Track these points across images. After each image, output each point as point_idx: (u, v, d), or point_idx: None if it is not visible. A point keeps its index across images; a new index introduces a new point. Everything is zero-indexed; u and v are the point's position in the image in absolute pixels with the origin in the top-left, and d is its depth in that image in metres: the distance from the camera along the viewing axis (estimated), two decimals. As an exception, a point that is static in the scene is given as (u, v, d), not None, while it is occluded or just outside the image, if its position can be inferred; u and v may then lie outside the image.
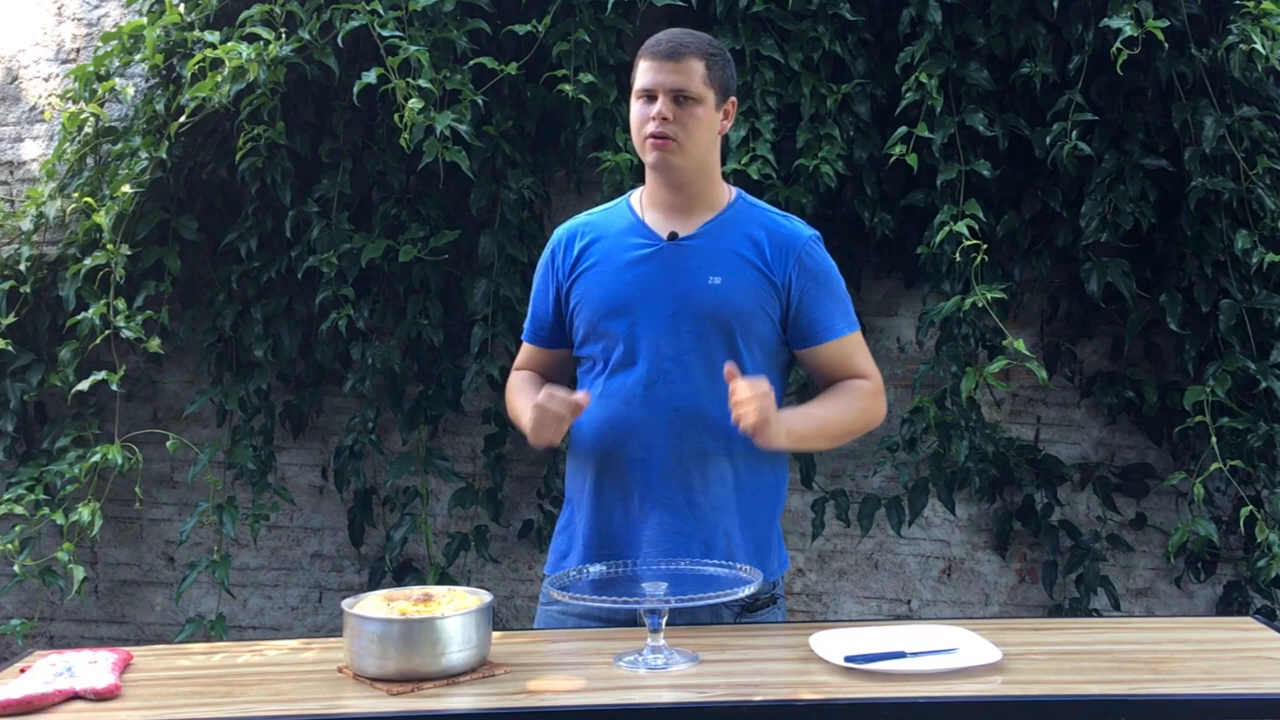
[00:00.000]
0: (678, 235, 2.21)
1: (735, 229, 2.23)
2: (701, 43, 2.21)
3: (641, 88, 2.17)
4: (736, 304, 2.17)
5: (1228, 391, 3.22)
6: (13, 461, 3.66)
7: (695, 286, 2.17)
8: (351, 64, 3.35)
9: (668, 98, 2.14)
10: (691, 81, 2.15)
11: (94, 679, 1.78)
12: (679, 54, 2.16)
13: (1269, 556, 3.13)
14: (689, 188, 2.21)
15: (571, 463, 2.29)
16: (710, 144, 2.21)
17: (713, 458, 2.16)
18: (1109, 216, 3.26)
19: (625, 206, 2.30)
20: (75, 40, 3.89)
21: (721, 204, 2.25)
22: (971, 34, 3.28)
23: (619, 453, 2.17)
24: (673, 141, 2.14)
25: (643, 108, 2.17)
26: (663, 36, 2.20)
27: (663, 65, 2.15)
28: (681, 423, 2.15)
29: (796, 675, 1.79)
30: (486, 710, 1.70)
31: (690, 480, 2.16)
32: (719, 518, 2.18)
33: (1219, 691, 1.71)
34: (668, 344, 2.16)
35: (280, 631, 3.79)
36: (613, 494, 2.19)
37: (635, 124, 2.19)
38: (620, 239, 2.24)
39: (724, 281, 2.17)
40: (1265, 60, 3.10)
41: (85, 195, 3.45)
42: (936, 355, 3.40)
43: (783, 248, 2.22)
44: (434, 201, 3.47)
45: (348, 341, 3.50)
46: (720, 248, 2.20)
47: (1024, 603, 3.63)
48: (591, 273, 2.23)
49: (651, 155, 2.17)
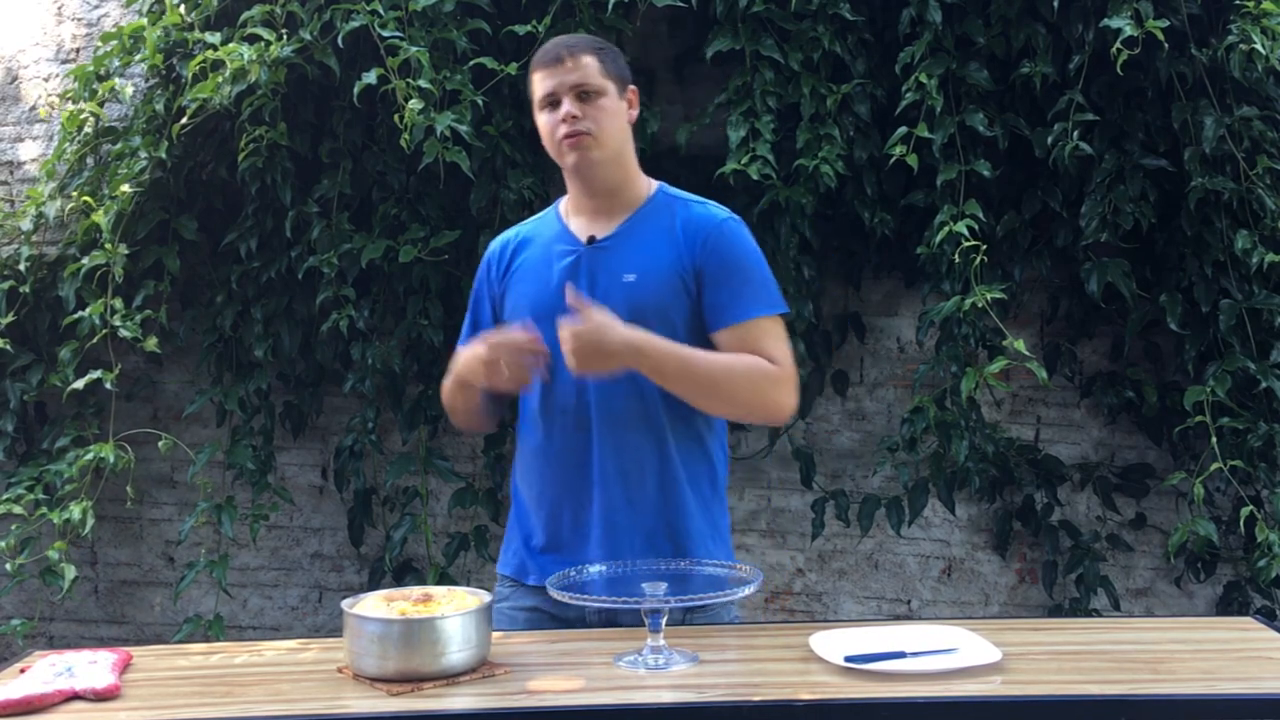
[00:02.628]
0: (595, 238, 2.22)
1: (652, 223, 2.24)
2: (586, 40, 2.25)
3: (543, 95, 2.18)
4: (651, 298, 2.16)
5: (1228, 391, 3.22)
6: (13, 461, 3.66)
7: (611, 286, 2.17)
8: (352, 64, 3.35)
9: (571, 96, 2.16)
10: (589, 76, 2.17)
11: (94, 679, 1.78)
12: (569, 54, 2.18)
13: (1269, 556, 3.13)
14: (608, 183, 2.22)
15: (518, 468, 2.32)
16: (624, 134, 2.22)
17: (649, 453, 2.17)
18: (1109, 216, 3.26)
19: (553, 215, 2.32)
20: (75, 40, 3.89)
21: (640, 199, 2.26)
22: (971, 34, 3.27)
23: (560, 458, 2.19)
24: (588, 136, 2.15)
25: (550, 115, 2.18)
26: (548, 45, 2.23)
27: (557, 69, 2.17)
28: (614, 422, 2.16)
29: (796, 675, 1.78)
30: (486, 710, 1.70)
31: (629, 478, 2.17)
32: (663, 513, 2.18)
33: (1219, 691, 1.70)
34: None
35: (280, 631, 3.79)
36: (559, 500, 2.20)
37: (546, 133, 2.20)
38: (546, 247, 2.26)
39: (638, 278, 2.18)
40: (1265, 60, 3.10)
41: (85, 195, 3.45)
42: (936, 355, 3.40)
43: (693, 233, 2.21)
44: (434, 201, 3.47)
45: (348, 341, 3.51)
46: (636, 244, 2.21)
47: (1024, 603, 3.63)
48: (519, 283, 2.26)
49: (571, 157, 2.18)
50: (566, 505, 2.20)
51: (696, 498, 2.24)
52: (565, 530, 2.21)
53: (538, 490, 2.24)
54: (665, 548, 2.17)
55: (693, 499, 2.23)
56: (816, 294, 3.49)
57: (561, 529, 2.21)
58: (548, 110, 2.19)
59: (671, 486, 2.20)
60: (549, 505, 2.22)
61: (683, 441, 2.22)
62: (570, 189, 2.28)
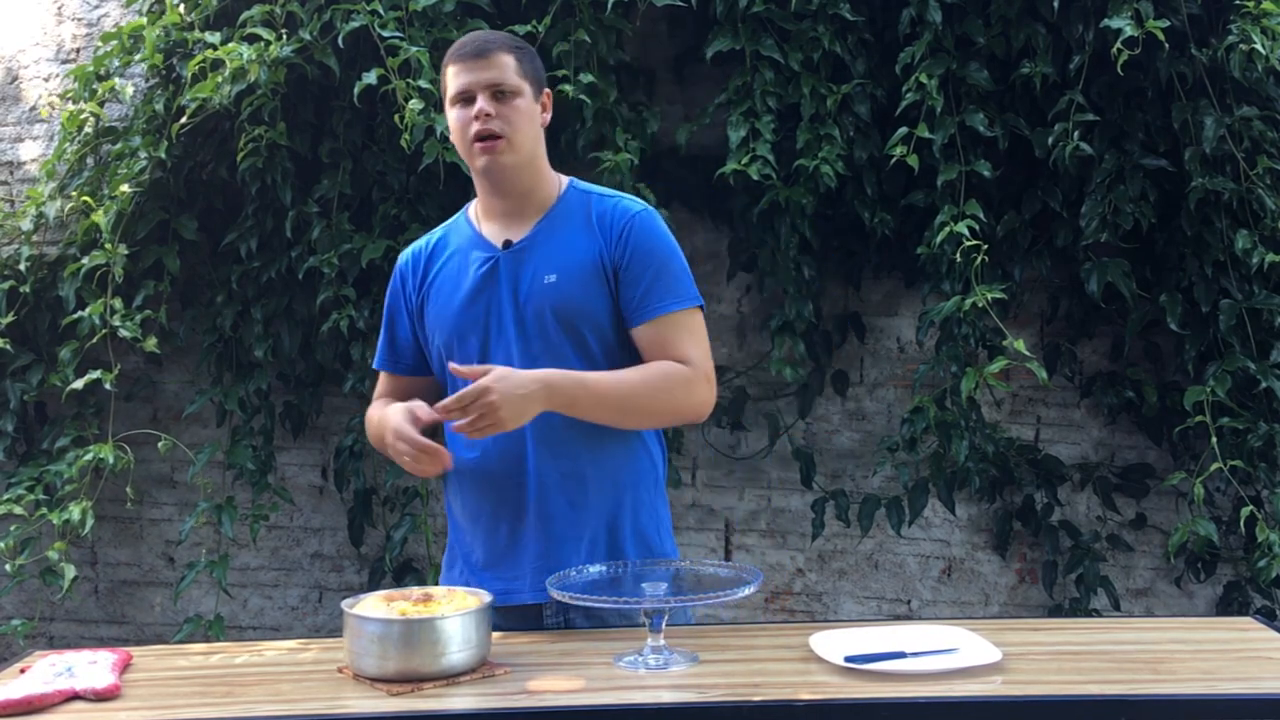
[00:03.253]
0: (511, 242, 2.17)
1: (567, 221, 2.18)
2: (505, 38, 2.19)
3: (457, 91, 2.13)
4: (574, 298, 2.12)
5: (1228, 391, 3.22)
6: (13, 461, 3.66)
7: (533, 290, 2.13)
8: (352, 64, 3.35)
9: (485, 94, 2.10)
10: (506, 75, 2.12)
11: (94, 679, 1.78)
12: (487, 50, 2.12)
13: (1269, 556, 3.13)
14: (519, 186, 2.17)
15: (448, 487, 2.25)
16: (537, 137, 2.18)
17: (583, 460, 2.13)
18: (1109, 216, 3.26)
19: (464, 220, 2.26)
20: (75, 40, 3.89)
21: (552, 199, 2.20)
22: (971, 34, 3.27)
23: (493, 470, 2.14)
24: (501, 140, 2.11)
25: (461, 111, 2.13)
26: (466, 39, 2.18)
27: (473, 64, 2.12)
28: (546, 429, 2.09)
29: (796, 675, 1.78)
30: (486, 710, 1.70)
31: (567, 486, 2.12)
32: (601, 516, 2.15)
33: (1219, 691, 1.70)
34: (519, 354, 2.11)
35: (280, 631, 3.79)
36: (496, 514, 2.15)
37: (458, 130, 2.14)
38: (461, 255, 2.19)
39: (559, 278, 2.13)
40: (1265, 60, 3.10)
41: (85, 195, 3.45)
42: (936, 355, 3.40)
43: (608, 227, 2.16)
44: (434, 202, 3.46)
45: (348, 341, 3.50)
46: (554, 245, 2.16)
47: (1024, 603, 3.63)
48: (437, 295, 2.19)
49: (482, 160, 2.12)
50: (504, 518, 2.14)
51: (637, 498, 2.20)
52: (503, 543, 2.15)
53: (474, 507, 2.18)
54: (603, 553, 2.13)
55: (633, 500, 2.19)
56: (816, 294, 3.49)
57: (498, 542, 2.15)
58: (460, 106, 2.13)
59: (611, 490, 2.16)
60: (486, 520, 2.16)
61: (619, 443, 2.17)
62: (480, 192, 2.22)
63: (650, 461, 2.24)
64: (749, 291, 3.63)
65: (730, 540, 3.71)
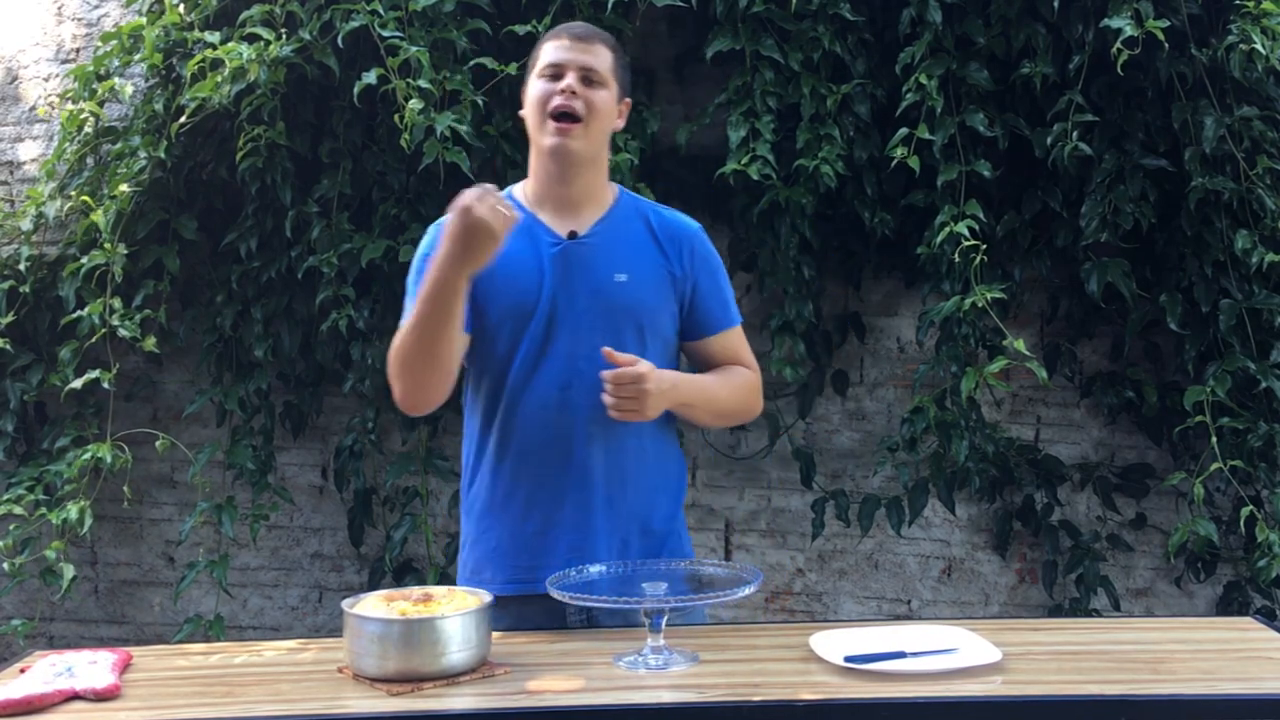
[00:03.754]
0: (577, 233, 2.18)
1: (628, 225, 2.22)
2: (610, 37, 2.23)
3: (548, 63, 2.14)
4: (644, 300, 2.17)
5: (1228, 391, 3.22)
6: (13, 461, 3.66)
7: (603, 285, 2.15)
8: (351, 64, 3.35)
9: (576, 74, 2.13)
10: (601, 63, 2.15)
11: (94, 679, 1.78)
12: (591, 36, 2.17)
13: (1269, 556, 3.13)
14: (580, 179, 2.18)
15: (474, 471, 2.23)
16: (607, 136, 2.20)
17: (631, 455, 2.16)
18: (1109, 216, 3.26)
19: (513, 202, 2.21)
20: (75, 40, 3.89)
21: (609, 200, 2.24)
22: (971, 34, 3.27)
23: (536, 458, 2.14)
24: (578, 125, 2.12)
25: (547, 84, 2.14)
26: (575, 23, 2.23)
27: (574, 44, 2.15)
28: (599, 423, 2.11)
29: (796, 675, 1.78)
30: (486, 710, 1.70)
31: (609, 479, 2.14)
32: (640, 517, 2.18)
33: (1219, 691, 1.70)
34: (582, 344, 2.12)
35: (280, 631, 3.79)
36: (531, 502, 2.15)
37: (538, 100, 2.14)
38: (518, 237, 2.13)
39: (630, 278, 2.17)
40: (1265, 60, 3.10)
41: (84, 195, 3.45)
42: (936, 355, 3.40)
43: (676, 240, 2.23)
44: (434, 202, 3.46)
45: (348, 341, 3.50)
46: (619, 243, 2.19)
47: (1024, 603, 3.63)
48: (491, 271, 2.08)
49: (552, 140, 2.13)
50: (539, 504, 2.14)
51: (669, 500, 2.24)
52: (533, 530, 2.15)
53: (506, 490, 2.17)
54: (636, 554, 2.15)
55: (666, 502, 2.23)
56: (816, 294, 3.49)
57: (528, 529, 2.15)
58: (546, 79, 2.14)
59: (648, 490, 2.19)
60: (519, 505, 2.16)
61: (659, 444, 2.22)
62: (539, 175, 2.21)
63: (680, 466, 2.30)
64: (749, 291, 3.63)
65: (730, 540, 3.71)
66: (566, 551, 2.12)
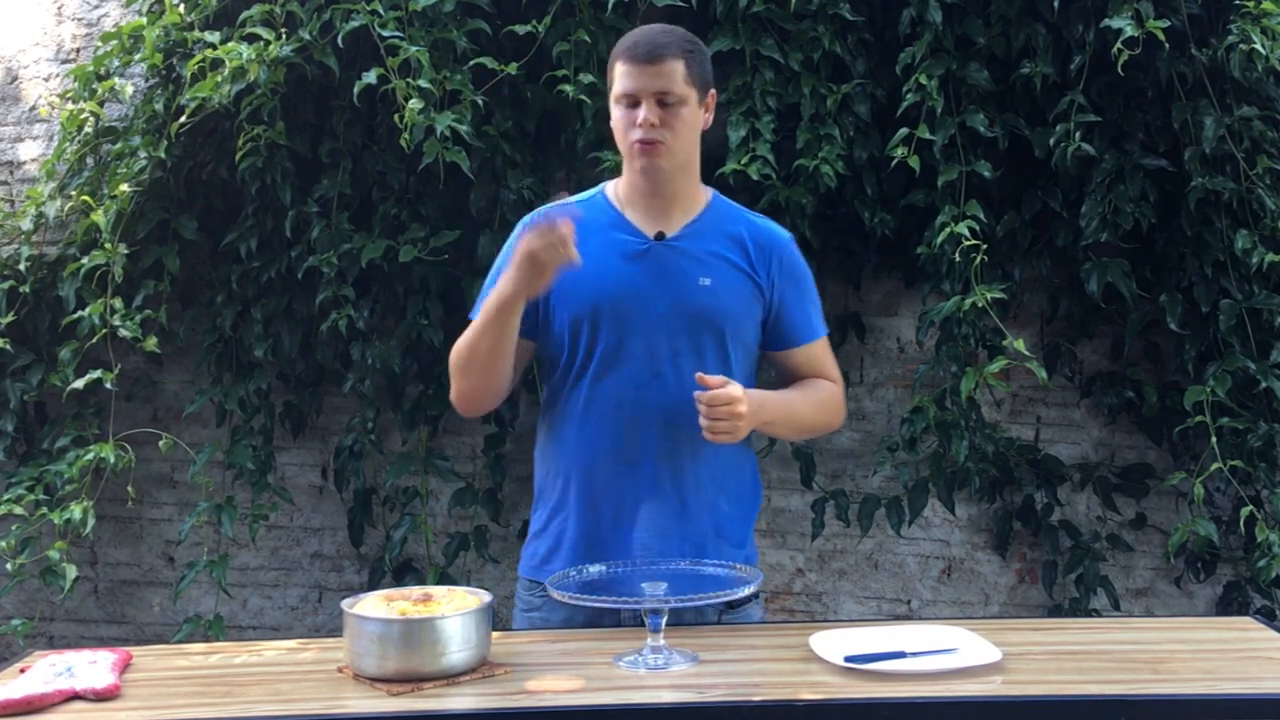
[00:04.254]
0: (664, 235, 2.19)
1: (718, 230, 2.23)
2: (679, 39, 2.17)
3: (623, 92, 2.13)
4: (727, 306, 2.18)
5: (1228, 391, 3.22)
6: (13, 461, 3.66)
7: (686, 288, 2.17)
8: (351, 64, 3.35)
9: (651, 101, 2.11)
10: (674, 83, 2.12)
11: (94, 679, 1.78)
12: (659, 56, 2.11)
13: (1269, 556, 3.13)
14: (672, 186, 2.20)
15: (551, 463, 2.24)
16: (695, 142, 2.21)
17: (704, 459, 2.16)
18: (1109, 216, 3.26)
19: (603, 200, 2.26)
20: (75, 40, 3.89)
21: (701, 203, 2.25)
22: (972, 34, 3.27)
23: (610, 455, 2.15)
24: (661, 145, 2.13)
25: (626, 112, 2.14)
26: (639, 38, 2.16)
27: (644, 70, 2.11)
28: (674, 425, 2.14)
29: (796, 675, 1.79)
30: (486, 710, 1.70)
31: (683, 482, 2.16)
32: (709, 518, 2.19)
33: (1219, 691, 1.71)
34: (661, 345, 2.15)
35: (280, 631, 3.79)
36: (602, 496, 2.16)
37: (620, 130, 2.17)
38: (605, 234, 2.19)
39: (714, 283, 2.18)
40: (1265, 60, 3.10)
41: (85, 195, 3.45)
42: (936, 355, 3.40)
43: (765, 249, 2.24)
44: (434, 201, 3.47)
45: (348, 341, 3.50)
46: (707, 249, 2.20)
47: (1024, 603, 3.63)
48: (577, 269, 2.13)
49: (640, 162, 2.15)
50: (609, 503, 2.15)
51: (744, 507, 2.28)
52: (603, 529, 2.16)
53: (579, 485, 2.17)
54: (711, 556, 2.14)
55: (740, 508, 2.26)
56: (816, 294, 3.49)
57: (599, 528, 2.16)
58: (624, 106, 2.15)
59: (722, 495, 2.21)
60: (589, 501, 2.17)
61: (737, 452, 2.23)
62: (631, 181, 2.23)
63: (754, 477, 2.33)
64: (749, 291, 3.62)
65: (730, 540, 3.70)
66: (638, 550, 2.13)
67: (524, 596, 2.24)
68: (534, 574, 2.23)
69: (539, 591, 2.19)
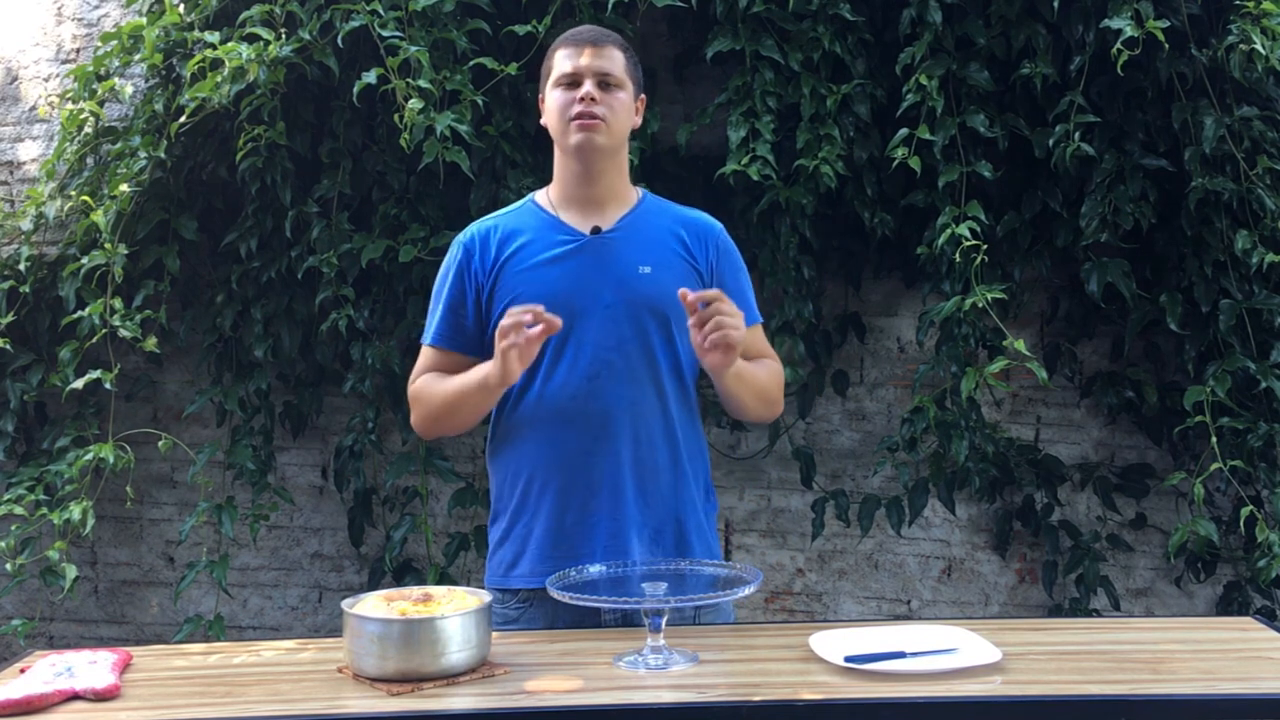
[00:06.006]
0: (600, 229, 2.22)
1: (652, 221, 2.27)
2: (616, 37, 2.26)
3: (564, 73, 2.19)
4: (669, 291, 2.16)
5: (1228, 391, 3.22)
6: (13, 461, 3.66)
7: (627, 276, 2.19)
8: (351, 64, 3.35)
9: (593, 81, 2.18)
10: (615, 67, 2.20)
11: (94, 679, 1.78)
12: (601, 41, 2.21)
13: (1269, 556, 3.13)
14: (604, 178, 2.23)
15: (506, 468, 2.23)
16: (626, 133, 2.25)
17: (659, 446, 2.18)
18: (1109, 216, 3.26)
19: (533, 206, 2.29)
20: (75, 40, 3.89)
21: (633, 200, 2.29)
22: (972, 35, 3.27)
23: (568, 448, 2.16)
24: (601, 122, 2.16)
25: (565, 94, 2.19)
26: (580, 29, 2.26)
27: (586, 51, 2.19)
28: (628, 413, 2.16)
29: (796, 675, 1.78)
30: (486, 710, 1.70)
31: (641, 470, 2.17)
32: (670, 505, 2.20)
33: (1219, 691, 1.70)
34: (608, 335, 2.16)
35: (280, 631, 3.79)
36: (567, 491, 2.16)
37: (558, 110, 2.19)
38: (541, 236, 2.22)
39: (654, 270, 2.20)
40: (1265, 60, 3.10)
41: (84, 195, 3.45)
42: (936, 355, 3.40)
43: (701, 237, 2.28)
44: (434, 201, 3.47)
45: (348, 341, 3.50)
46: (644, 239, 2.23)
47: (1024, 603, 3.63)
48: (515, 271, 2.20)
49: (577, 137, 2.17)
50: (574, 497, 2.16)
51: (700, 493, 2.27)
52: (570, 525, 2.17)
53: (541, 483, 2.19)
54: (669, 546, 2.18)
55: (697, 495, 2.26)
56: (816, 294, 3.49)
57: (565, 524, 2.17)
58: (564, 88, 2.19)
59: (682, 482, 2.22)
60: (554, 498, 2.17)
61: (689, 437, 2.25)
62: (563, 177, 2.26)
63: (706, 461, 2.32)
64: (749, 291, 3.63)
65: (730, 540, 3.71)
66: (606, 541, 2.14)
67: (497, 609, 2.20)
68: (502, 582, 2.22)
69: (512, 603, 2.20)
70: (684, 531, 2.21)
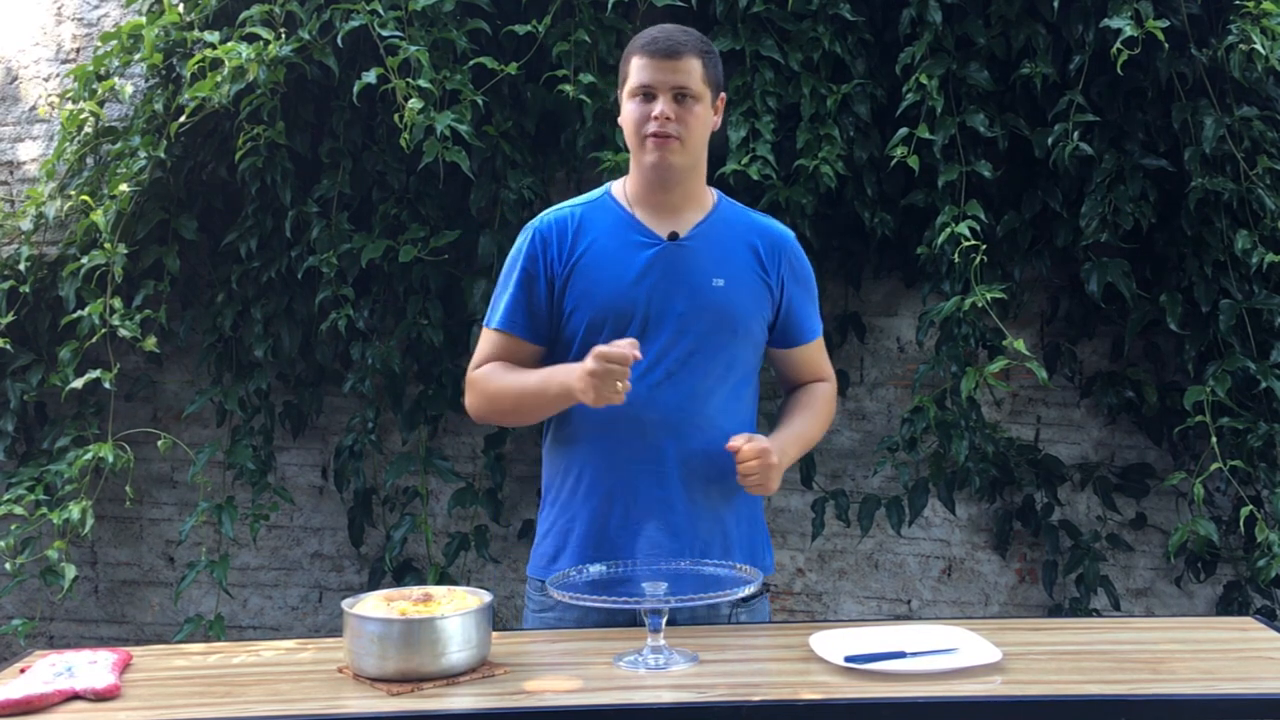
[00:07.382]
0: (677, 235, 2.20)
1: (728, 229, 2.24)
2: (696, 40, 2.20)
3: (639, 84, 2.14)
4: (739, 306, 2.19)
5: (1228, 391, 3.22)
6: (13, 461, 3.66)
7: (701, 287, 2.17)
8: (351, 64, 3.35)
9: (668, 96, 2.13)
10: (692, 80, 2.14)
11: (94, 679, 1.78)
12: (678, 52, 2.14)
13: (1269, 556, 3.13)
14: (682, 186, 2.21)
15: (559, 461, 2.24)
16: (705, 142, 2.22)
17: (715, 458, 2.16)
18: (1109, 216, 3.26)
19: (609, 200, 2.25)
20: (75, 40, 3.89)
21: (709, 204, 2.26)
22: (972, 34, 3.27)
23: (621, 453, 2.15)
24: (675, 140, 2.13)
25: (640, 106, 2.14)
26: (658, 34, 2.17)
27: (662, 64, 2.13)
28: (687, 423, 2.15)
29: (796, 675, 1.79)
30: (486, 710, 1.70)
31: (693, 481, 2.16)
32: (718, 517, 2.18)
33: (1219, 691, 1.71)
34: (676, 345, 2.15)
35: (280, 631, 3.79)
36: (613, 495, 2.16)
37: (633, 123, 2.16)
38: (617, 235, 2.19)
39: (727, 284, 2.19)
40: (1265, 60, 3.10)
41: (84, 195, 3.45)
42: (936, 355, 3.40)
43: (775, 250, 2.26)
44: (434, 201, 3.47)
45: (348, 341, 3.50)
46: (719, 249, 2.21)
47: (1024, 603, 3.63)
48: (591, 268, 2.18)
49: (653, 155, 2.14)
50: (619, 500, 2.15)
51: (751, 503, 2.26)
52: (613, 527, 2.16)
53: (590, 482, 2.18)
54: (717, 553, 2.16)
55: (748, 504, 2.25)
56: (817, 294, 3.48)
57: (609, 525, 2.16)
58: (639, 100, 2.15)
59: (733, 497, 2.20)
60: (601, 499, 2.16)
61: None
62: (638, 181, 2.22)
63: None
64: (749, 291, 3.62)
65: (730, 540, 3.70)
66: (647, 547, 2.14)
67: (535, 597, 2.23)
68: (542, 574, 2.22)
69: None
70: (729, 545, 2.19)
